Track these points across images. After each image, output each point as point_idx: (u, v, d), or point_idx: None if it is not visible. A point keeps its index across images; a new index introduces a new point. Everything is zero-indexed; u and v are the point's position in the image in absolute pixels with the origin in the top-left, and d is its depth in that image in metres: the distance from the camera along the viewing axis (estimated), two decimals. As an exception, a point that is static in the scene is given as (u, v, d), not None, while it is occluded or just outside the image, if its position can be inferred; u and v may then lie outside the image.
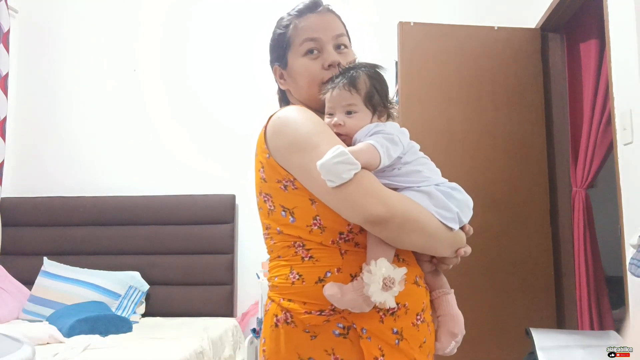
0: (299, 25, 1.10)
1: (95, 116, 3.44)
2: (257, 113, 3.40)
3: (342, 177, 0.88)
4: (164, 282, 3.12)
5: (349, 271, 0.96)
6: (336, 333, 0.96)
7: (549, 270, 2.60)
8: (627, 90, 1.87)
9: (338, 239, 0.98)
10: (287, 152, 1.00)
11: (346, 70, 1.05)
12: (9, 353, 0.93)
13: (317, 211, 0.98)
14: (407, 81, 2.65)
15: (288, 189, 1.00)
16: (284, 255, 1.02)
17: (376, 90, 1.03)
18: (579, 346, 1.81)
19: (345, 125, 1.01)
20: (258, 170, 1.07)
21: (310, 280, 0.97)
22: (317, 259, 0.98)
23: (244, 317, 3.15)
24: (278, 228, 1.03)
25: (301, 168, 0.97)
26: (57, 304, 2.79)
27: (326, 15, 1.12)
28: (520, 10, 2.96)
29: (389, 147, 0.95)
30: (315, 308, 0.96)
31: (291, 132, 1.00)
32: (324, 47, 1.09)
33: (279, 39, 1.14)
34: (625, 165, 1.89)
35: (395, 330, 0.95)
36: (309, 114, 1.03)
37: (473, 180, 2.57)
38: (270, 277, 1.06)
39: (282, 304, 1.00)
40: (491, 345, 2.49)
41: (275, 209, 1.03)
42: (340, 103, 1.02)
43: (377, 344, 0.94)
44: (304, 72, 1.10)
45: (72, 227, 3.22)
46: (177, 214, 3.20)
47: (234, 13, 3.42)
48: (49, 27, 3.52)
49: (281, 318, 0.99)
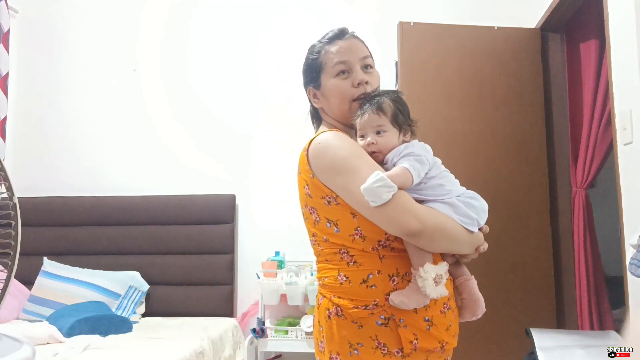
0: (329, 51, 1.29)
1: (95, 116, 3.45)
2: (257, 113, 3.43)
3: (382, 198, 1.07)
4: (164, 282, 3.12)
5: (387, 272, 1.15)
6: (379, 323, 1.14)
7: (549, 270, 2.60)
8: (627, 90, 1.87)
9: (377, 245, 1.17)
10: (329, 174, 1.17)
11: (372, 98, 1.23)
12: (9, 353, 0.93)
13: (357, 223, 1.16)
14: (407, 81, 2.65)
15: (331, 204, 1.18)
16: (332, 260, 1.21)
17: (400, 111, 1.22)
18: (579, 346, 1.81)
19: (377, 143, 1.19)
20: (302, 187, 1.24)
21: (355, 281, 1.16)
22: (360, 263, 1.17)
23: (244, 317, 3.15)
24: (324, 237, 1.21)
25: (343, 188, 1.15)
26: (57, 304, 2.79)
27: (352, 41, 1.30)
28: (520, 10, 2.96)
29: (419, 168, 1.14)
30: (361, 304, 1.15)
31: (331, 156, 1.17)
32: (352, 68, 1.27)
33: (312, 63, 1.32)
34: (625, 165, 1.88)
35: (427, 319, 1.14)
36: (344, 139, 1.20)
37: (473, 180, 2.55)
38: (320, 276, 1.25)
39: (333, 300, 1.18)
40: (491, 345, 2.49)
41: (321, 220, 1.21)
42: (370, 124, 1.20)
43: (412, 331, 1.12)
44: (335, 90, 1.27)
45: (72, 227, 3.22)
46: (177, 214, 3.20)
47: (234, 13, 3.42)
48: (49, 27, 3.52)
49: (333, 311, 1.18)
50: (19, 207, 1.34)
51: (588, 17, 2.49)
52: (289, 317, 2.99)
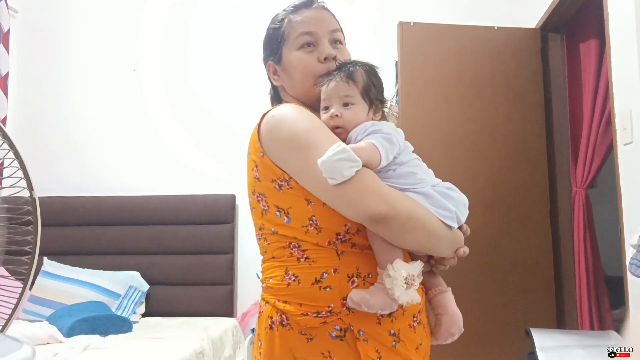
0: (293, 20, 1.11)
1: (95, 116, 3.44)
2: (257, 113, 3.41)
3: (343, 174, 0.88)
4: (164, 282, 3.12)
5: (346, 272, 0.96)
6: (333, 335, 0.94)
7: (549, 270, 2.60)
8: (627, 90, 1.87)
9: (335, 239, 0.97)
10: (283, 151, 0.99)
11: (343, 65, 1.06)
12: (9, 353, 0.93)
13: (313, 211, 0.97)
14: (407, 81, 2.64)
15: (283, 189, 0.99)
16: (279, 256, 1.02)
17: (373, 84, 1.04)
18: (579, 346, 1.81)
19: (342, 116, 1.01)
20: (251, 169, 1.05)
21: (306, 281, 0.96)
22: (313, 259, 0.97)
23: (244, 317, 3.15)
24: (272, 228, 1.02)
25: (299, 166, 0.96)
26: (57, 304, 2.79)
27: (321, 11, 1.13)
28: (520, 10, 2.96)
29: (388, 147, 0.96)
30: (311, 310, 0.95)
31: (287, 130, 0.98)
32: (319, 41, 1.10)
33: (273, 34, 1.15)
34: (625, 165, 1.88)
35: (393, 332, 0.95)
36: (304, 112, 1.02)
37: (473, 180, 2.57)
38: (264, 278, 1.05)
39: (277, 305, 0.99)
40: (491, 345, 2.49)
41: (270, 209, 1.01)
42: (337, 94, 1.02)
43: (374, 346, 0.93)
44: (298, 65, 1.09)
45: (72, 227, 3.22)
46: (177, 214, 3.20)
47: (235, 13, 3.42)
48: (49, 27, 3.52)
49: (276, 320, 0.98)
50: (39, 206, 1.30)
51: (588, 17, 2.49)
52: (289, 317, 2.99)
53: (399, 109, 2.62)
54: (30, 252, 1.24)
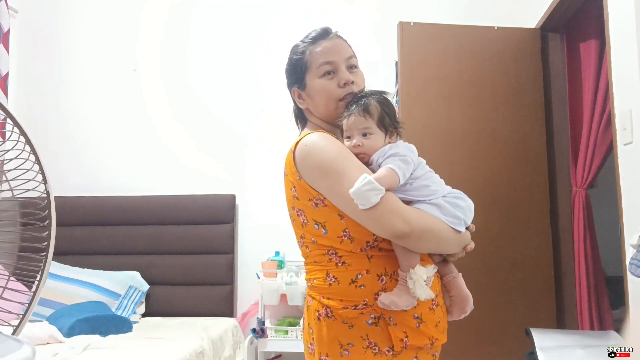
0: (314, 51, 1.28)
1: (95, 116, 3.45)
2: (257, 113, 3.43)
3: (370, 201, 1.08)
4: (164, 282, 3.12)
5: (376, 272, 1.16)
6: (369, 323, 1.14)
7: (549, 270, 2.60)
8: (627, 90, 1.87)
9: (365, 246, 1.17)
10: (316, 176, 1.17)
11: (358, 99, 1.23)
12: (9, 353, 0.93)
13: (345, 225, 1.17)
14: (407, 81, 2.65)
15: (319, 206, 1.18)
16: (320, 261, 1.21)
17: (386, 114, 1.22)
18: (579, 346, 1.81)
19: (363, 145, 1.20)
20: (289, 189, 1.24)
21: (344, 282, 1.17)
22: (348, 264, 1.17)
23: (244, 317, 3.15)
24: (312, 238, 1.22)
25: (331, 191, 1.16)
26: (57, 304, 2.79)
27: (336, 41, 1.30)
28: (520, 10, 2.96)
29: (404, 168, 1.14)
30: (350, 304, 1.15)
31: (318, 157, 1.17)
32: (338, 68, 1.26)
33: (297, 63, 1.31)
34: (625, 165, 1.88)
35: (416, 316, 1.14)
36: (331, 141, 1.20)
37: (473, 180, 2.57)
38: (309, 278, 1.25)
39: (322, 301, 1.19)
40: (491, 345, 2.49)
41: (309, 222, 1.21)
42: (356, 127, 1.20)
43: (402, 329, 1.13)
44: (322, 91, 1.26)
45: (72, 227, 3.22)
46: (177, 214, 3.20)
47: (234, 13, 3.42)
48: (49, 27, 3.52)
49: (322, 313, 1.18)
50: (54, 205, 1.30)
51: (588, 17, 2.49)
52: (289, 317, 2.99)
53: (399, 109, 2.62)
54: (45, 248, 1.24)
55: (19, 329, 1.23)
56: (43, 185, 1.28)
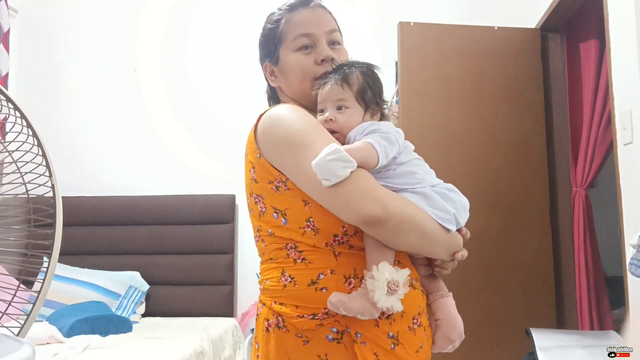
0: (291, 20, 1.09)
1: (95, 116, 3.45)
2: (257, 113, 3.42)
3: (337, 175, 0.86)
4: (164, 282, 3.12)
5: (343, 273, 0.94)
6: (329, 338, 0.93)
7: (549, 270, 2.60)
8: (627, 90, 1.87)
9: (332, 241, 0.96)
10: (279, 151, 0.97)
11: (339, 67, 1.04)
12: (9, 353, 0.93)
13: (310, 213, 0.96)
14: (407, 81, 2.64)
15: (280, 190, 0.98)
16: (276, 258, 1.00)
17: (369, 87, 1.02)
18: (579, 346, 1.81)
19: (336, 120, 0.99)
20: (248, 170, 1.04)
21: (302, 282, 0.95)
22: (309, 261, 0.95)
23: (244, 317, 3.15)
24: (269, 230, 1.00)
25: (294, 167, 0.95)
26: (57, 304, 2.79)
27: (319, 11, 1.11)
28: (520, 10, 2.96)
29: (387, 145, 0.94)
30: (307, 312, 0.93)
31: (283, 130, 0.97)
32: (317, 42, 1.07)
33: (270, 34, 1.12)
34: (625, 165, 1.88)
35: (391, 335, 0.92)
36: (301, 112, 1.00)
37: (473, 180, 2.57)
38: (262, 280, 1.04)
39: (273, 307, 0.97)
40: (491, 345, 2.49)
41: (267, 210, 1.00)
42: (331, 98, 1.00)
43: (372, 349, 0.91)
44: (296, 67, 1.07)
45: (72, 227, 3.21)
46: (177, 214, 3.20)
47: (234, 13, 3.42)
48: (49, 27, 3.52)
49: (272, 322, 0.97)
50: (61, 206, 1.27)
51: (588, 17, 2.49)
52: (289, 317, 2.99)
53: (399, 109, 2.62)
54: (50, 246, 1.24)
55: (24, 330, 1.22)
56: (48, 178, 1.25)
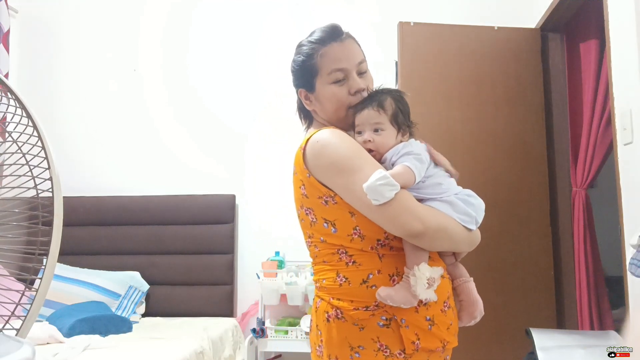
0: (325, 55, 1.23)
1: (95, 116, 3.44)
2: (257, 113, 3.43)
3: (385, 196, 1.05)
4: (164, 282, 3.12)
5: (388, 272, 1.13)
6: (380, 324, 1.12)
7: (549, 270, 2.60)
8: (627, 90, 1.87)
9: (376, 245, 1.14)
10: (328, 173, 1.15)
11: (374, 94, 1.22)
12: (9, 353, 0.93)
13: (356, 222, 1.14)
14: (407, 81, 2.64)
15: (329, 204, 1.16)
16: (329, 261, 1.18)
17: (400, 111, 1.21)
18: (579, 346, 1.82)
19: (373, 141, 1.18)
20: (298, 187, 1.21)
21: (355, 282, 1.14)
22: (359, 263, 1.14)
23: (244, 317, 3.15)
24: (321, 237, 1.19)
25: (344, 188, 1.12)
26: (57, 304, 2.79)
27: (348, 43, 1.25)
28: (520, 10, 2.96)
29: (419, 166, 1.13)
30: (361, 305, 1.12)
31: (331, 155, 1.14)
32: (349, 75, 1.23)
33: (305, 66, 1.26)
34: (625, 165, 1.89)
35: (428, 318, 1.12)
36: (344, 137, 1.17)
37: (473, 180, 2.55)
38: (318, 279, 1.21)
39: (332, 302, 1.16)
40: (491, 345, 2.49)
41: (318, 221, 1.18)
42: (369, 121, 1.18)
43: (413, 331, 1.11)
44: (332, 98, 1.23)
45: (72, 227, 3.20)
46: (177, 214, 3.20)
47: (235, 13, 3.42)
48: (49, 27, 3.52)
49: (332, 314, 1.15)
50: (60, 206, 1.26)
51: (588, 17, 2.49)
52: (289, 317, 2.99)
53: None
54: (48, 242, 1.23)
55: (22, 330, 1.22)
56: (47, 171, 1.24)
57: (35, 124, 1.28)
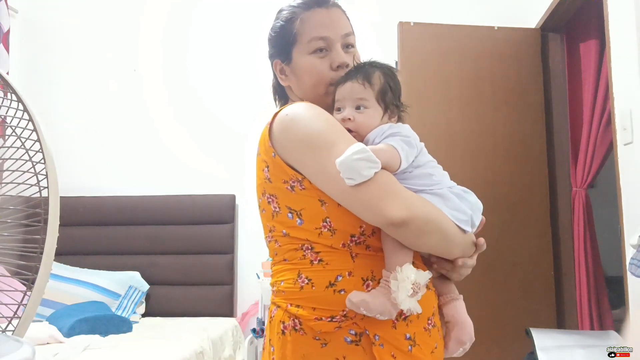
0: (307, 20, 1.05)
1: (95, 116, 3.44)
2: (257, 113, 3.41)
3: (362, 174, 0.85)
4: (164, 282, 3.12)
5: (361, 275, 0.93)
6: (348, 340, 0.92)
7: (549, 270, 2.60)
8: (627, 90, 1.87)
9: (349, 241, 0.94)
10: (297, 151, 0.95)
11: (361, 66, 1.02)
12: (9, 353, 0.93)
13: (327, 213, 0.94)
14: (407, 81, 2.64)
15: (295, 190, 0.95)
16: (291, 259, 0.97)
17: (390, 88, 1.00)
18: (579, 346, 1.82)
19: (354, 120, 0.97)
20: (262, 169, 1.01)
21: (320, 284, 0.93)
22: (327, 262, 0.94)
23: (244, 317, 3.15)
24: (284, 230, 0.98)
25: (315, 166, 0.93)
26: (57, 304, 2.79)
27: (334, 11, 1.08)
28: (520, 10, 2.96)
29: (408, 150, 0.93)
30: (326, 314, 0.92)
31: (302, 129, 0.95)
32: (332, 46, 1.05)
33: (283, 32, 1.08)
34: (625, 165, 1.89)
35: (408, 336, 0.92)
36: (319, 110, 0.97)
37: (473, 180, 2.55)
38: (275, 281, 1.00)
39: (289, 310, 0.95)
40: (491, 345, 2.49)
41: (281, 210, 0.98)
42: (351, 96, 0.98)
43: (389, 351, 0.91)
44: (311, 70, 1.05)
45: (72, 227, 3.21)
46: (177, 214, 3.20)
47: (235, 13, 3.42)
48: (49, 27, 3.52)
49: (289, 325, 0.94)
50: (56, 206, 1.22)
51: (588, 17, 2.49)
52: (289, 317, 2.99)
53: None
54: (42, 240, 1.21)
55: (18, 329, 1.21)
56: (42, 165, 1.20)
57: (32, 117, 1.26)
